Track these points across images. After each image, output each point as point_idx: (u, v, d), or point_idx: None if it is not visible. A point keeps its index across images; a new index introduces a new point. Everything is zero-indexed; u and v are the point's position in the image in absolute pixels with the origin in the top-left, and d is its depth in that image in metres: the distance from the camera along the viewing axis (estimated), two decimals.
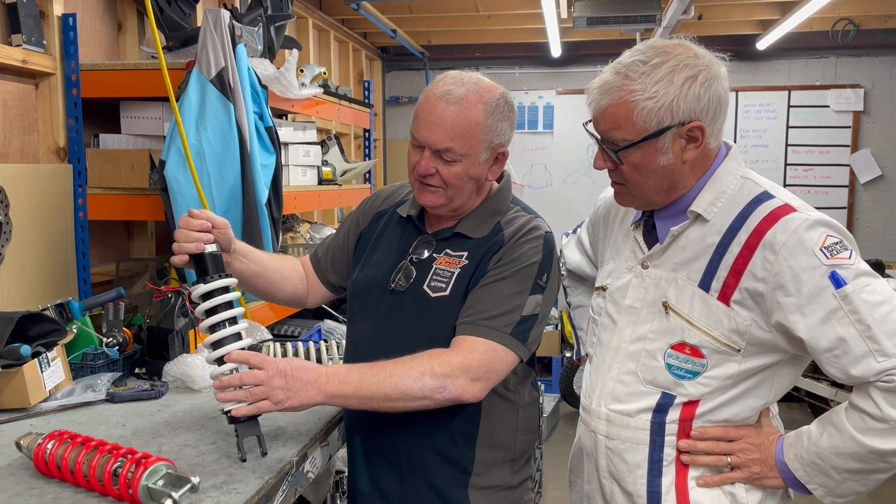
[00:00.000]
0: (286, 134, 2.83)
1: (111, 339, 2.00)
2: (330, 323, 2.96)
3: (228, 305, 1.48)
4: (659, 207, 1.51)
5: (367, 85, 4.48)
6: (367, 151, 4.47)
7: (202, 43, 2.27)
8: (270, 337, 2.29)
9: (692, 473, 1.48)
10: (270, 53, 2.77)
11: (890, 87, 6.45)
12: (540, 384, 1.91)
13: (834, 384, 4.56)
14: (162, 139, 2.48)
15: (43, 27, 2.37)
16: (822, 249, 1.33)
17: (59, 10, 2.41)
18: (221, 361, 1.44)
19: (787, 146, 6.60)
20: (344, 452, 1.96)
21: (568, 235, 1.90)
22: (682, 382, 1.45)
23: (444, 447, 1.61)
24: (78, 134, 2.46)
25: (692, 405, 1.46)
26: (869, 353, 1.31)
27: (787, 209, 1.38)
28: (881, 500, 3.60)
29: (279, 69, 2.59)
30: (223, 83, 2.27)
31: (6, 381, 1.69)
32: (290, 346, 2.16)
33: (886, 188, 6.53)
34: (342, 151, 3.69)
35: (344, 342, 1.90)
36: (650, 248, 1.52)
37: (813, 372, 4.45)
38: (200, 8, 2.93)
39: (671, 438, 1.48)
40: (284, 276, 1.79)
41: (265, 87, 2.49)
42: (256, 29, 2.59)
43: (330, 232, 3.48)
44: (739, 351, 1.41)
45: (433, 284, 1.61)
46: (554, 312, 5.76)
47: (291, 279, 1.81)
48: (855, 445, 1.35)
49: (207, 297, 1.47)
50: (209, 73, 2.27)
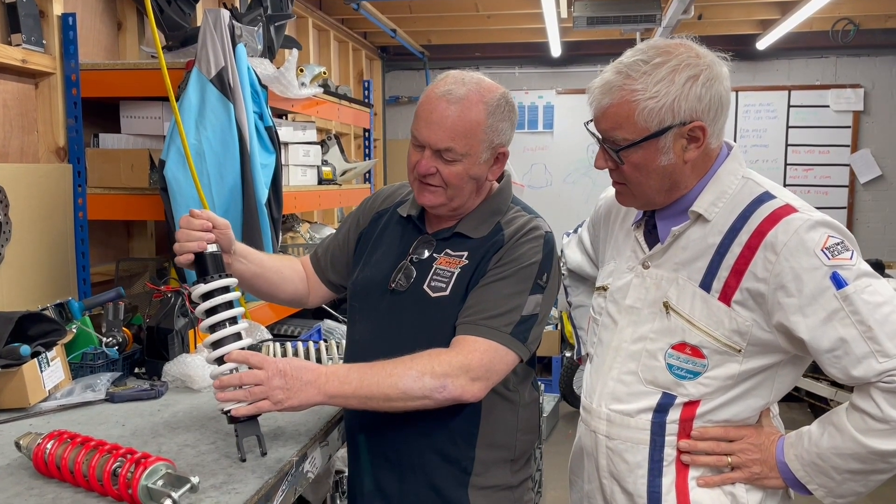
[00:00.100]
0: (286, 134, 2.83)
1: (111, 338, 2.00)
2: (330, 323, 2.96)
3: (229, 305, 1.48)
4: (660, 207, 1.51)
5: (366, 85, 4.48)
6: (366, 151, 4.47)
7: (202, 42, 2.27)
8: (270, 337, 2.29)
9: (692, 473, 1.48)
10: (270, 53, 2.77)
11: (890, 87, 6.45)
12: (540, 384, 1.91)
13: (834, 384, 4.57)
14: (162, 139, 2.48)
15: (43, 27, 2.37)
16: (823, 250, 1.33)
17: (58, 9, 2.41)
18: (221, 361, 1.44)
19: (786, 146, 6.60)
20: (343, 452, 1.96)
21: (569, 235, 1.90)
22: (682, 382, 1.45)
23: (444, 447, 1.61)
24: (78, 133, 2.46)
25: (693, 405, 1.46)
26: (870, 353, 1.31)
27: (788, 209, 1.38)
28: (881, 500, 3.60)
29: (279, 69, 2.58)
30: (223, 83, 2.27)
31: (6, 380, 1.69)
32: (289, 345, 2.16)
33: (886, 188, 6.53)
34: (342, 151, 3.69)
35: (344, 342, 1.90)
36: (651, 248, 1.52)
37: (813, 372, 4.45)
38: (200, 7, 2.93)
39: (672, 438, 1.47)
40: (285, 276, 1.79)
41: (265, 86, 2.49)
42: (256, 28, 2.58)
43: (330, 232, 3.48)
44: (740, 351, 1.41)
45: (433, 284, 1.61)
46: (554, 312, 5.76)
47: (292, 279, 1.81)
48: (856, 446, 1.35)
49: (208, 296, 1.47)
50: (209, 72, 2.26)
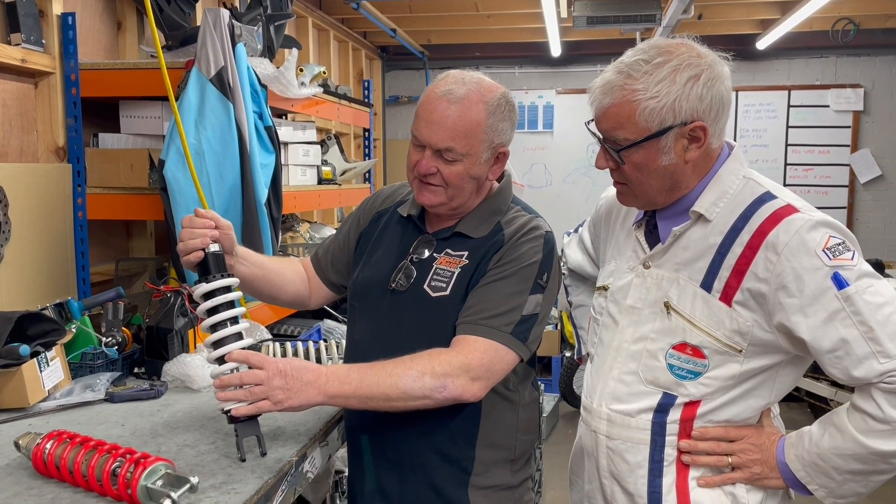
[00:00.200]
0: (286, 133, 2.83)
1: (110, 338, 2.00)
2: (330, 323, 2.95)
3: (230, 305, 1.48)
4: (661, 207, 1.51)
5: (366, 84, 4.48)
6: (366, 151, 4.47)
7: (202, 42, 2.27)
8: (270, 336, 2.29)
9: (693, 473, 1.48)
10: (270, 53, 2.77)
11: (890, 87, 6.45)
12: (540, 384, 1.91)
13: (834, 384, 4.57)
14: (161, 138, 2.48)
15: (42, 26, 2.36)
16: (824, 250, 1.33)
17: (58, 9, 2.40)
18: (222, 361, 1.44)
19: (786, 146, 6.61)
20: (343, 452, 1.96)
21: (569, 234, 1.90)
22: (683, 383, 1.45)
23: (444, 447, 1.61)
24: (77, 133, 2.45)
25: (693, 405, 1.46)
26: (871, 354, 1.30)
27: (789, 210, 1.38)
28: (881, 500, 3.59)
29: (279, 68, 2.58)
30: (223, 82, 2.27)
31: (5, 380, 1.69)
32: (289, 345, 2.16)
33: (886, 188, 6.53)
34: (342, 151, 3.68)
35: (344, 342, 1.90)
36: (652, 248, 1.52)
37: (813, 372, 4.45)
38: (200, 7, 2.93)
39: (672, 438, 1.47)
40: (286, 278, 1.79)
41: (265, 86, 2.49)
42: (256, 28, 2.58)
43: (330, 232, 3.48)
44: (741, 351, 1.41)
45: (433, 284, 1.61)
46: (554, 312, 5.75)
47: (293, 281, 1.81)
48: (856, 446, 1.35)
49: (209, 296, 1.47)
50: (209, 72, 2.26)
